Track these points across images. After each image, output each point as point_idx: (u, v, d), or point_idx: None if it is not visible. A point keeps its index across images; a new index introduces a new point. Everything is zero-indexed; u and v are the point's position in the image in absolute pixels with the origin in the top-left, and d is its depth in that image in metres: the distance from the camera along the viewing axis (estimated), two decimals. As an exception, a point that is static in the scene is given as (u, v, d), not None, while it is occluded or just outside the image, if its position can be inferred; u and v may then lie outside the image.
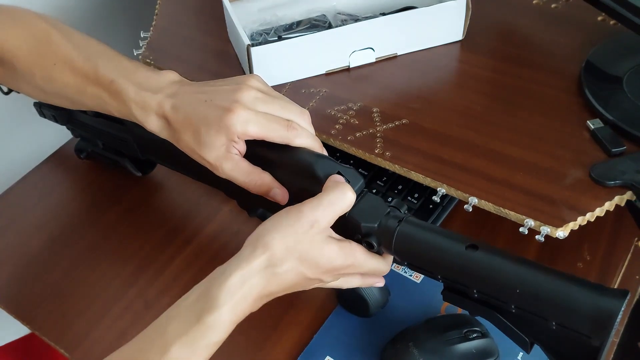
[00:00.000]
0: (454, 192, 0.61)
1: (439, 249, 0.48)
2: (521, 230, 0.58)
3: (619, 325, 0.41)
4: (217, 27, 0.82)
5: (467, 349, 0.56)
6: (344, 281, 0.54)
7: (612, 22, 0.76)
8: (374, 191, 0.70)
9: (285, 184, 0.54)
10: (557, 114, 0.67)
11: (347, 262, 0.50)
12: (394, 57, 0.77)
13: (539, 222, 0.57)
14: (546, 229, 0.56)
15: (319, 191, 0.50)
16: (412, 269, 0.51)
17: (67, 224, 0.75)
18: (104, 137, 0.73)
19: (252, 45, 0.70)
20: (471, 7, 0.74)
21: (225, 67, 0.78)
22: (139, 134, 0.67)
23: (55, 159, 0.83)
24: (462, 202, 0.61)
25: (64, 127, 0.78)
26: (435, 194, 0.62)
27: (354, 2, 0.82)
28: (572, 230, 0.57)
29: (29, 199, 0.78)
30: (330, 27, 0.79)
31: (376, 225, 0.51)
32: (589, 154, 0.62)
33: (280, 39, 0.78)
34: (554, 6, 0.81)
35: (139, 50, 0.81)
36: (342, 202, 0.49)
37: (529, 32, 0.79)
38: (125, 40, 0.99)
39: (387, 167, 0.65)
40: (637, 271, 0.65)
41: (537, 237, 0.57)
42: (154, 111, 0.54)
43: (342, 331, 0.62)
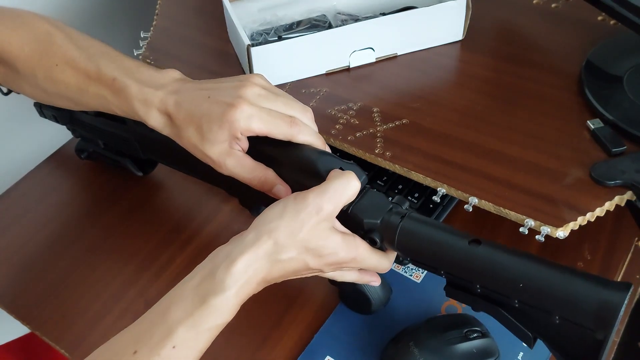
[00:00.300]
0: (454, 192, 0.61)
1: (442, 245, 0.48)
2: (521, 230, 0.58)
3: (619, 324, 0.41)
4: (217, 27, 0.82)
5: (467, 349, 0.56)
6: (341, 274, 0.53)
7: (612, 22, 0.76)
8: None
9: (287, 181, 0.54)
10: (558, 114, 0.67)
11: (349, 256, 0.50)
12: (394, 57, 0.77)
13: (539, 222, 0.57)
14: (546, 229, 0.56)
15: None
16: (415, 265, 0.51)
17: (67, 224, 0.75)
18: (105, 136, 0.73)
19: (252, 45, 0.70)
20: (471, 7, 0.74)
21: (225, 67, 0.78)
22: (141, 133, 0.67)
23: (55, 159, 0.83)
24: (462, 202, 0.61)
25: (64, 127, 0.78)
26: (435, 193, 0.62)
27: (354, 2, 0.82)
28: (572, 230, 0.57)
29: (29, 199, 0.78)
30: (330, 27, 0.79)
31: (379, 221, 0.51)
32: (589, 153, 0.62)
33: (280, 39, 0.78)
34: (554, 6, 0.81)
35: (139, 50, 0.81)
36: (347, 190, 0.49)
37: (529, 32, 0.79)
38: (125, 40, 0.99)
39: (387, 167, 0.65)
40: (637, 271, 0.65)
41: (537, 237, 0.57)
42: (156, 107, 0.54)
43: (343, 331, 0.62)
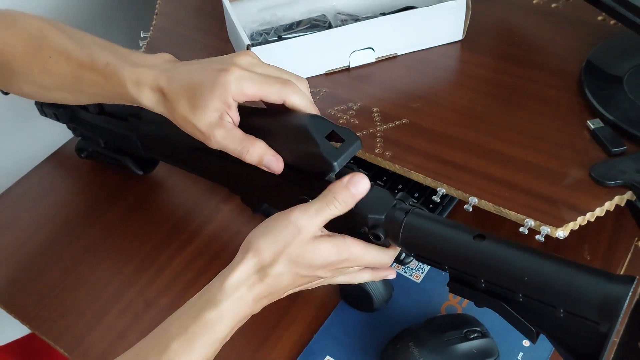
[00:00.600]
0: (454, 192, 0.61)
1: (447, 240, 0.48)
2: (521, 230, 0.58)
3: (619, 325, 0.41)
4: (217, 27, 0.82)
5: (467, 349, 0.56)
6: (353, 277, 0.54)
7: (612, 22, 0.76)
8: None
9: (282, 153, 0.53)
10: (558, 114, 0.67)
11: (342, 257, 0.50)
12: (394, 57, 0.77)
13: (539, 222, 0.57)
14: (546, 229, 0.56)
15: (316, 153, 0.50)
16: (419, 260, 0.51)
17: (67, 224, 0.75)
18: (107, 135, 0.73)
19: (252, 45, 0.70)
20: (471, 7, 0.74)
21: (225, 67, 0.78)
22: (143, 131, 0.67)
23: (55, 158, 0.83)
24: (462, 202, 0.61)
25: (64, 126, 0.78)
26: (435, 193, 0.62)
27: (354, 2, 0.82)
28: (572, 230, 0.57)
29: (29, 198, 0.78)
30: (330, 27, 0.79)
31: (383, 217, 0.51)
32: (589, 153, 0.62)
33: (280, 39, 0.78)
34: (554, 6, 0.81)
35: (139, 50, 0.81)
36: (331, 209, 0.50)
37: (529, 32, 0.79)
38: (125, 40, 0.99)
39: (387, 167, 0.65)
40: (637, 271, 0.65)
41: (537, 237, 0.57)
42: (149, 86, 0.53)
43: (343, 331, 0.62)
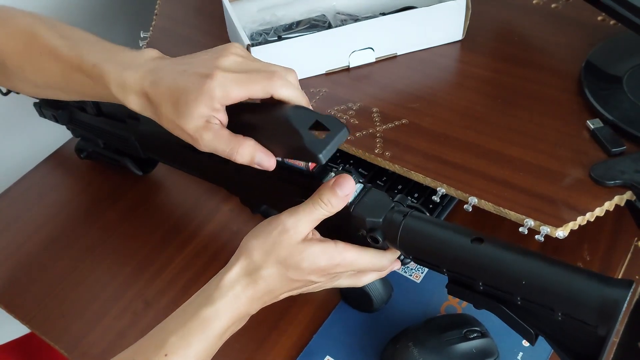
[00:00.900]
0: (453, 192, 0.61)
1: (445, 242, 0.48)
2: (521, 230, 0.58)
3: (619, 325, 0.41)
4: (217, 27, 0.82)
5: (466, 349, 0.56)
6: (356, 280, 0.55)
7: (612, 22, 0.76)
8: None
9: (272, 149, 0.51)
10: (557, 114, 0.67)
11: (333, 262, 0.50)
12: (394, 57, 0.77)
13: (538, 222, 0.57)
14: (546, 229, 0.56)
15: (300, 145, 0.48)
16: (417, 263, 0.51)
17: (66, 224, 0.75)
18: (105, 136, 0.73)
19: (252, 45, 0.70)
20: (471, 7, 0.74)
21: (225, 67, 0.78)
22: (141, 132, 0.67)
23: (55, 158, 0.83)
24: (462, 202, 0.61)
25: (63, 127, 0.78)
26: (435, 193, 0.62)
27: (354, 2, 0.82)
28: (571, 230, 0.57)
29: (29, 199, 0.78)
30: (330, 27, 0.79)
31: (381, 219, 0.51)
32: (588, 154, 0.62)
33: (280, 39, 0.78)
34: (554, 6, 0.81)
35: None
36: (318, 210, 0.50)
37: (529, 32, 0.79)
38: (125, 40, 0.99)
39: (387, 167, 0.65)
40: (637, 271, 0.65)
41: (536, 237, 0.57)
42: (134, 91, 0.52)
43: (342, 331, 0.62)
